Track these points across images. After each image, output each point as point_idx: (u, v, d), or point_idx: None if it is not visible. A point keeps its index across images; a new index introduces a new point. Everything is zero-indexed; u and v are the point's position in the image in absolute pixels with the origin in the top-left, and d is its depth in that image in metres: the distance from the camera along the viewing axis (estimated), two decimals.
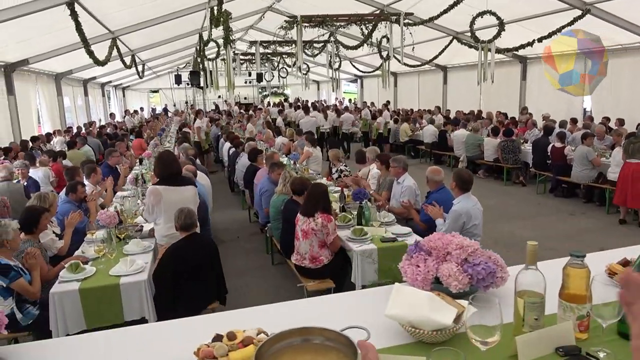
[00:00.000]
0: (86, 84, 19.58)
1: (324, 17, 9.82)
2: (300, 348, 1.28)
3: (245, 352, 1.36)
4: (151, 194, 4.29)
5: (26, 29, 9.46)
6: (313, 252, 4.34)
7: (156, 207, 4.24)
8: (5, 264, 3.50)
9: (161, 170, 4.48)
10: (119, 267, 3.97)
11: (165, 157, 4.64)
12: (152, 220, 4.50)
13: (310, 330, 1.29)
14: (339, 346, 1.23)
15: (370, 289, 2.05)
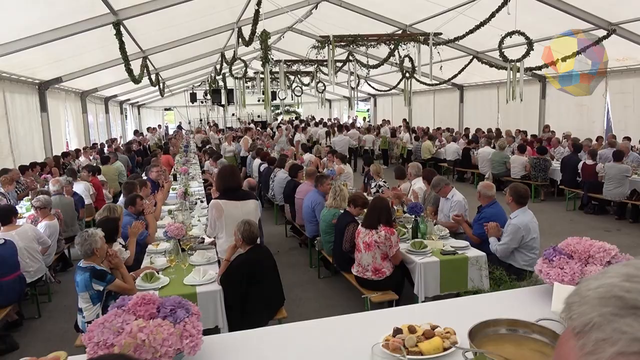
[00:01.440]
0: (107, 102, 19.92)
1: (355, 37, 10.05)
2: (505, 336, 1.39)
3: (433, 343, 1.46)
4: (213, 208, 4.39)
5: (61, 49, 9.71)
6: (376, 264, 4.43)
7: (218, 221, 4.34)
8: (100, 269, 3.63)
9: (221, 185, 4.58)
10: (192, 277, 4.08)
11: (225, 172, 4.75)
12: (214, 235, 4.58)
13: (516, 322, 1.40)
14: (542, 338, 1.34)
15: (502, 292, 2.13)
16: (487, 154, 11.57)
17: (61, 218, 6.09)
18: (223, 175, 4.66)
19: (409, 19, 13.13)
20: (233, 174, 4.74)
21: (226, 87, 17.04)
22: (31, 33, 7.63)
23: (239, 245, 3.94)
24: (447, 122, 19.89)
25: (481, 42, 12.85)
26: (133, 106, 28.00)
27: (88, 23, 7.71)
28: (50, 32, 7.68)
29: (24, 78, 10.55)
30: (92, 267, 3.65)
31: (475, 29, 10.52)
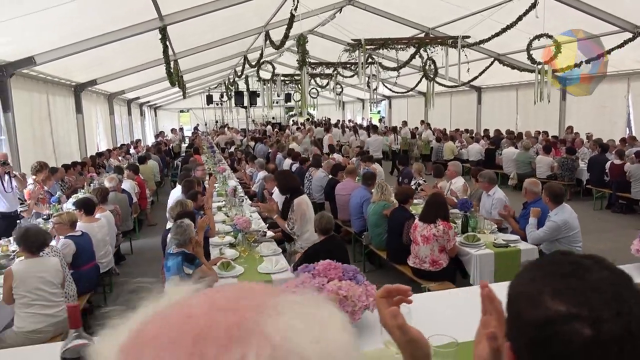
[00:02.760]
0: (130, 104, 20.33)
1: (386, 40, 10.33)
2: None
3: None
4: (303, 204, 4.77)
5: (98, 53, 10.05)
6: (433, 256, 4.70)
7: (304, 216, 4.68)
8: (190, 253, 3.93)
9: (287, 185, 4.96)
10: (265, 266, 4.37)
11: (284, 174, 5.16)
12: (300, 231, 4.95)
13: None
14: None
15: None
16: (512, 154, 11.79)
17: (119, 213, 6.39)
18: (285, 177, 5.04)
19: (433, 22, 13.39)
20: (291, 175, 5.14)
21: (249, 89, 17.36)
22: (80, 39, 7.95)
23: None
24: (464, 123, 20.08)
25: (502, 44, 13.06)
26: (150, 108, 28.43)
27: (136, 28, 8.03)
28: (99, 37, 7.99)
29: (64, 80, 10.91)
30: (183, 251, 3.95)
31: (502, 32, 10.77)
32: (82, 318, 4.31)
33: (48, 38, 7.68)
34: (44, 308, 3.76)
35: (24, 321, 3.70)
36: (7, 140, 7.69)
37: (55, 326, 3.83)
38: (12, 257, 4.64)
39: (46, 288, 3.78)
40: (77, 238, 4.76)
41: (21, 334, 3.69)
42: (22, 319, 3.70)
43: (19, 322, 3.70)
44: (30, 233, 3.82)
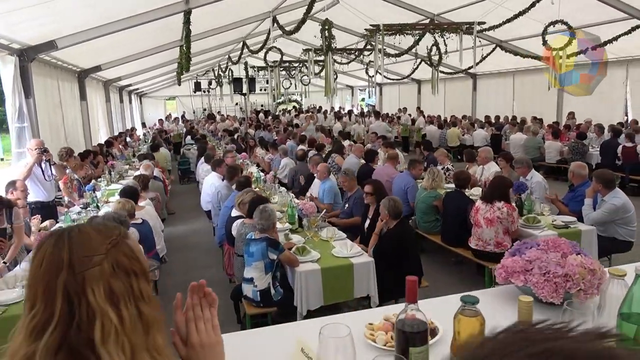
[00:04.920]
0: (121, 91, 19.88)
1: (403, 26, 10.33)
2: None
3: None
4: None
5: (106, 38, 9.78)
6: (498, 239, 4.78)
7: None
8: (274, 239, 3.92)
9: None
10: (340, 250, 4.38)
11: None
12: None
13: None
14: None
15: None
16: (520, 139, 12.00)
17: (160, 201, 6.30)
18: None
19: (438, 8, 13.43)
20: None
21: (247, 76, 17.14)
22: (102, 22, 7.71)
23: (386, 220, 4.25)
24: (458, 110, 20.27)
25: (504, 30, 13.17)
26: (136, 95, 27.83)
27: (161, 11, 7.84)
28: (122, 20, 7.77)
29: (71, 66, 10.59)
30: (267, 237, 3.93)
31: (514, 18, 10.89)
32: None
33: (70, 22, 7.43)
34: None
35: None
36: (29, 128, 7.43)
37: None
38: None
39: None
40: (139, 226, 4.68)
41: None
42: None
43: None
44: (109, 219, 3.73)
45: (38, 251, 1.00)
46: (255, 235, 4.02)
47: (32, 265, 1.00)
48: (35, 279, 0.96)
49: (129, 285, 1.00)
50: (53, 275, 0.95)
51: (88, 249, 0.99)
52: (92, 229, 1.04)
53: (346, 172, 5.66)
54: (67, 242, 0.99)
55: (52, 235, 1.02)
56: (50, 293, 0.94)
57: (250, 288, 3.99)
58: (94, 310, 0.94)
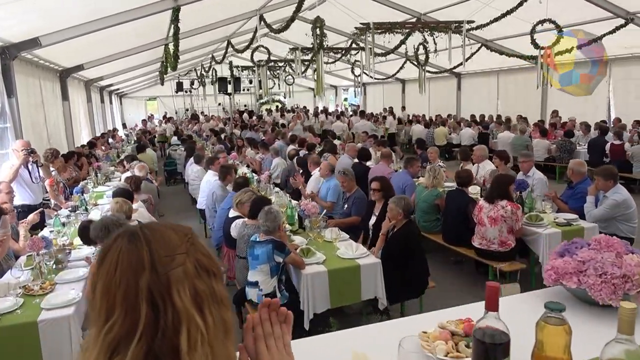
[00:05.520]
0: (102, 91, 19.47)
1: (393, 24, 10.28)
2: None
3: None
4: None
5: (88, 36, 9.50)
6: (502, 237, 4.73)
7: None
8: (280, 241, 3.79)
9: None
10: (344, 251, 4.27)
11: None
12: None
13: None
14: None
15: None
16: (507, 138, 12.06)
17: (153, 204, 6.11)
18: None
19: (425, 7, 13.43)
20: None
21: (232, 75, 16.93)
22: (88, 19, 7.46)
23: (398, 219, 4.16)
24: (443, 109, 20.36)
25: (489, 30, 13.23)
26: (117, 96, 27.33)
27: (149, 9, 7.62)
28: (108, 18, 7.53)
29: (53, 65, 10.27)
30: (272, 239, 3.81)
31: (502, 17, 10.95)
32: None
33: (55, 18, 7.17)
34: None
35: None
36: (11, 128, 7.15)
37: None
38: (68, 251, 4.33)
39: None
40: None
41: None
42: None
43: None
44: (108, 224, 3.55)
45: (107, 253, 0.87)
46: (260, 237, 3.89)
47: (100, 270, 0.86)
48: (110, 284, 0.83)
49: (211, 287, 0.89)
50: (133, 278, 0.83)
51: (168, 247, 0.87)
52: (164, 227, 0.92)
53: (345, 172, 5.55)
54: (144, 240, 0.86)
55: (122, 235, 0.89)
56: (131, 298, 0.82)
57: (255, 292, 3.85)
58: (180, 315, 0.82)
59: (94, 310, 0.86)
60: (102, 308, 0.84)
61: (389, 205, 4.23)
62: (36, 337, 3.27)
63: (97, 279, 0.86)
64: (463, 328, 1.43)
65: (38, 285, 3.64)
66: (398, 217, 4.14)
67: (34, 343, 3.27)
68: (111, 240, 0.90)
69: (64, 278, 3.91)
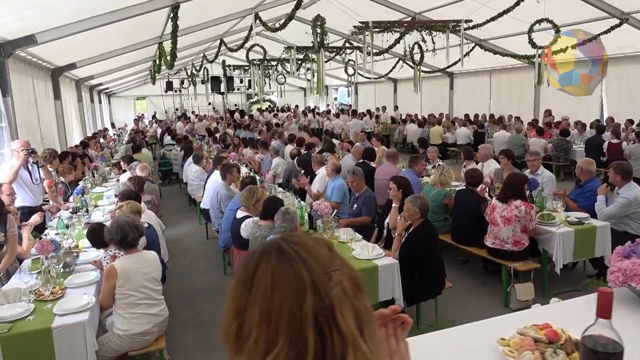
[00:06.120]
0: (92, 90, 19.18)
1: (392, 23, 10.25)
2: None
3: None
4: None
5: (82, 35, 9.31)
6: (516, 237, 4.70)
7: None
8: None
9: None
10: (360, 252, 4.21)
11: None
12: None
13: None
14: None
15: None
16: (504, 137, 12.10)
17: (156, 204, 5.99)
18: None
19: (420, 6, 13.43)
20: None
21: (226, 74, 16.78)
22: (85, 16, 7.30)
23: (415, 218, 4.10)
24: (435, 109, 20.39)
25: (484, 29, 13.27)
26: (105, 95, 26.98)
27: (148, 5, 7.48)
28: (107, 14, 7.37)
29: (45, 63, 10.06)
30: None
31: (498, 17, 10.97)
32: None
33: (51, 15, 6.99)
34: (149, 307, 3.43)
35: (129, 323, 3.35)
36: (7, 128, 6.97)
37: (160, 326, 3.51)
38: (76, 255, 4.21)
39: (150, 285, 3.45)
40: (147, 231, 4.37)
41: (127, 338, 3.35)
42: (127, 320, 3.35)
43: (123, 325, 3.35)
44: (124, 226, 3.44)
45: (254, 274, 0.78)
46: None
47: (251, 294, 0.77)
48: (269, 310, 0.75)
49: (365, 305, 0.81)
50: (296, 302, 0.74)
51: (323, 264, 0.78)
52: (307, 238, 0.84)
53: (355, 172, 5.48)
54: (297, 257, 0.78)
55: (266, 252, 0.81)
56: (296, 325, 0.73)
57: None
58: (346, 340, 0.74)
59: (240, 339, 0.77)
60: (259, 338, 0.75)
61: (405, 204, 4.18)
62: (50, 343, 3.16)
63: (247, 305, 0.77)
64: (545, 334, 1.37)
65: (49, 290, 3.51)
66: (415, 217, 4.09)
67: (48, 350, 3.15)
68: (252, 259, 0.81)
69: (73, 282, 3.79)
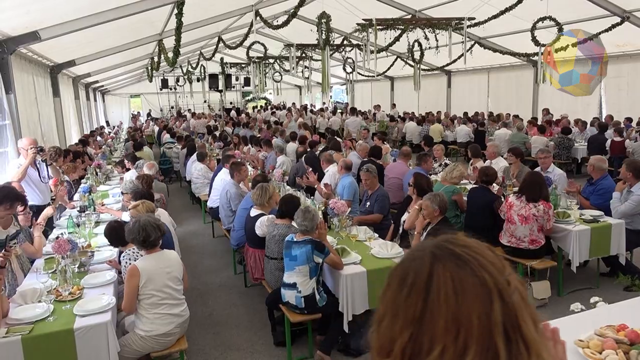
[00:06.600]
0: (87, 88, 18.99)
1: (396, 20, 10.21)
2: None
3: None
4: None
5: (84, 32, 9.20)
6: (533, 236, 4.68)
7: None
8: (319, 241, 3.68)
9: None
10: (379, 250, 4.18)
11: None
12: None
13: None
14: None
15: None
16: (505, 135, 12.11)
17: (165, 203, 5.91)
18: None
19: (420, 4, 13.41)
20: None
21: (224, 72, 16.68)
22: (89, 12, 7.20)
23: (434, 216, 4.07)
24: (432, 107, 20.40)
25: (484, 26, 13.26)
26: (100, 92, 26.74)
27: (152, 1, 7.39)
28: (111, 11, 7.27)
29: (45, 61, 9.93)
30: (311, 239, 3.69)
31: (500, 14, 10.98)
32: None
33: (55, 11, 6.88)
34: (172, 307, 3.37)
35: (152, 324, 3.29)
36: (10, 125, 6.86)
37: (181, 327, 3.45)
38: (91, 254, 4.14)
39: (172, 285, 3.39)
40: None
41: (149, 339, 3.29)
42: (150, 321, 3.29)
43: (146, 325, 3.29)
44: (146, 226, 3.37)
45: (431, 277, 0.74)
46: (297, 237, 3.76)
47: (434, 299, 0.73)
48: (457, 317, 0.71)
49: (534, 308, 0.77)
50: (484, 310, 0.70)
51: (499, 268, 0.75)
52: (470, 240, 0.80)
53: (369, 170, 5.44)
54: (475, 263, 0.74)
55: (440, 258, 0.76)
56: (486, 333, 0.70)
57: (294, 294, 3.72)
58: (530, 348, 0.71)
59: (414, 353, 0.72)
60: (447, 350, 0.70)
61: (423, 202, 4.15)
62: (72, 345, 3.10)
63: (425, 313, 0.72)
64: (626, 335, 1.34)
65: (67, 290, 3.45)
66: (435, 214, 4.06)
67: (70, 351, 3.09)
68: (422, 263, 0.76)
69: (90, 282, 3.73)
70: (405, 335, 0.73)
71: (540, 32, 10.84)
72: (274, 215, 4.52)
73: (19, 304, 3.35)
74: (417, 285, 0.74)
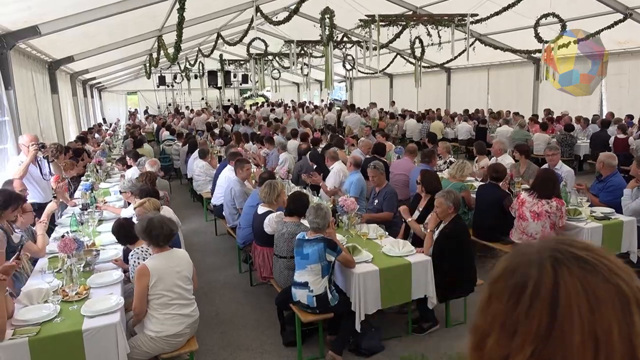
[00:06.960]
0: (85, 85, 18.84)
1: (399, 16, 10.14)
2: None
3: None
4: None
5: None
6: (545, 233, 4.62)
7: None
8: (331, 239, 3.61)
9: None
10: (390, 248, 4.11)
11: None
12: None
13: None
14: None
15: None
16: (506, 132, 12.05)
17: (168, 200, 5.83)
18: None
19: (420, 0, 13.32)
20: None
21: (223, 69, 16.56)
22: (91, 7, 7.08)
23: (448, 213, 4.00)
24: (432, 104, 20.34)
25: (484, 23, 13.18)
26: (96, 89, 26.54)
27: None
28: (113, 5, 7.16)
29: (44, 57, 9.80)
30: (323, 237, 3.61)
31: (502, 11, 10.92)
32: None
33: (56, 5, 6.77)
34: (182, 307, 3.29)
35: (162, 324, 3.21)
36: (10, 122, 6.74)
37: (192, 327, 3.37)
38: (96, 253, 4.05)
39: (182, 284, 3.31)
40: None
41: (160, 340, 3.21)
42: (159, 321, 3.21)
43: (156, 326, 3.21)
44: (157, 224, 3.29)
45: (556, 286, 0.66)
46: (309, 235, 3.68)
47: (565, 311, 0.65)
48: (595, 330, 0.64)
49: None
50: (624, 320, 0.64)
51: (628, 274, 0.68)
52: (587, 242, 0.73)
53: (376, 166, 5.36)
54: (603, 267, 0.67)
55: (562, 259, 0.68)
56: (628, 348, 0.64)
57: (305, 293, 3.64)
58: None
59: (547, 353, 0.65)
60: (580, 351, 0.63)
61: (437, 200, 4.07)
62: (80, 346, 3.01)
63: (555, 327, 0.65)
64: None
65: (74, 290, 3.36)
66: (449, 212, 3.98)
67: (78, 353, 3.00)
68: (543, 270, 0.68)
69: (97, 282, 3.64)
70: (527, 350, 0.65)
71: (542, 29, 10.80)
72: (282, 212, 4.44)
73: (24, 305, 3.27)
74: (541, 295, 0.67)
